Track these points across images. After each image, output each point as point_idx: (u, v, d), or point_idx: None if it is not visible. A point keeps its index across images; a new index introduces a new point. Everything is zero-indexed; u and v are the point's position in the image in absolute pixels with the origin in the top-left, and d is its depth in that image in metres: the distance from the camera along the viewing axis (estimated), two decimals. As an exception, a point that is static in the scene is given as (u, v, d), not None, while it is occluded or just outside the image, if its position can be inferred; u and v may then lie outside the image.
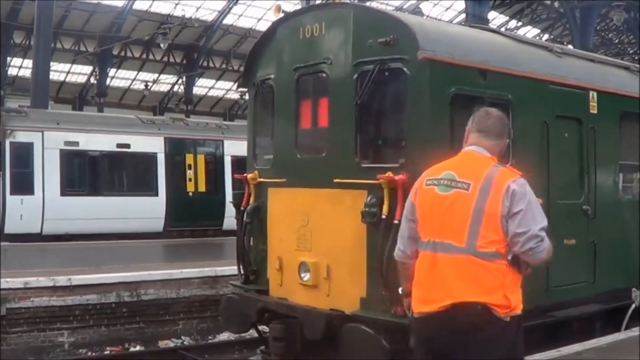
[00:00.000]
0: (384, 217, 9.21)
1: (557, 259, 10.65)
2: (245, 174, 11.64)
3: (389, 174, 9.21)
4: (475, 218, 5.39)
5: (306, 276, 10.30)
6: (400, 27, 9.49)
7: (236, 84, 65.33)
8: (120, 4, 51.50)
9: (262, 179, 11.41)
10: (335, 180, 9.96)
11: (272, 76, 11.40)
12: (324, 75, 10.48)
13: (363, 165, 9.84)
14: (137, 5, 52.07)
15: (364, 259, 9.63)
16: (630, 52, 63.16)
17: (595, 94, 11.68)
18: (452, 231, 5.45)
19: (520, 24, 62.89)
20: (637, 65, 13.96)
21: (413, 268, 5.80)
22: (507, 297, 5.35)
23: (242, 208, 11.62)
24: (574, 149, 11.40)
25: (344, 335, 9.36)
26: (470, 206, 5.43)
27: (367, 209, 9.36)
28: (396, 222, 9.07)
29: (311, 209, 10.42)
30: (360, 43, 9.87)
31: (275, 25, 11.51)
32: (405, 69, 9.42)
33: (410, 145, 9.43)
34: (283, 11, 11.36)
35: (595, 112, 11.66)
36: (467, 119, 9.89)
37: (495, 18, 57.94)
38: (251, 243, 11.59)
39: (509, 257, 5.41)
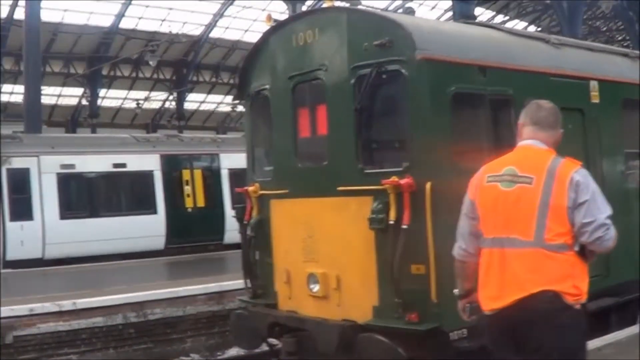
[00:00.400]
0: (391, 222, 9.03)
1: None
2: (245, 187, 11.48)
3: (394, 178, 9.04)
4: (541, 211, 5.39)
5: (315, 287, 10.14)
6: (395, 29, 9.33)
7: (227, 97, 65.49)
8: (106, 23, 51.36)
9: (263, 191, 11.24)
10: (339, 188, 9.80)
11: (267, 86, 11.23)
12: (320, 82, 10.31)
13: (366, 171, 9.67)
14: (124, 24, 51.93)
15: (373, 266, 9.47)
16: (619, 38, 63.14)
17: (596, 84, 11.54)
18: (519, 226, 5.44)
19: (507, 18, 62.82)
20: (636, 52, 13.82)
21: (474, 267, 5.82)
22: (576, 286, 5.40)
23: (245, 222, 11.45)
24: (578, 140, 11.22)
25: (358, 345, 9.20)
26: (536, 200, 5.42)
27: (374, 215, 9.18)
28: (404, 227, 8.93)
29: (316, 218, 10.26)
30: (355, 47, 9.72)
31: (267, 35, 11.32)
32: (403, 71, 9.25)
33: (413, 148, 9.26)
34: (274, 20, 11.13)
35: (597, 101, 11.52)
36: (468, 118, 9.86)
37: (482, 14, 57.82)
38: (257, 257, 11.41)
39: (576, 248, 5.44)
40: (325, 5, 10.43)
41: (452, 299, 8.96)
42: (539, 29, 60.37)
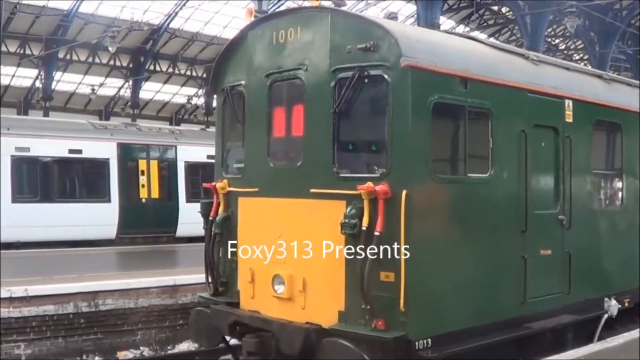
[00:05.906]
0: (364, 228, 8.94)
1: (533, 270, 10.60)
2: (213, 183, 11.31)
3: (369, 184, 8.96)
4: None
5: (280, 289, 10.04)
6: (381, 33, 9.23)
7: (183, 88, 65.10)
8: (66, 6, 50.66)
9: (232, 188, 11.09)
10: (312, 191, 9.69)
11: (242, 82, 11.06)
12: (299, 81, 10.15)
13: (341, 175, 9.55)
14: (83, 8, 51.26)
15: (342, 271, 9.37)
16: (577, 58, 63.86)
17: (571, 103, 11.57)
18: None
19: (467, 29, 63.19)
20: (610, 74, 13.91)
21: None
22: None
23: (210, 218, 11.28)
24: (550, 158, 11.26)
25: (322, 349, 9.11)
26: None
27: (346, 220, 9.06)
28: (377, 233, 8.84)
29: (286, 219, 10.14)
30: (338, 49, 9.61)
31: (246, 30, 11.14)
32: (386, 76, 9.15)
33: (390, 155, 9.14)
34: (255, 15, 10.95)
35: (570, 120, 11.54)
36: (447, 128, 9.83)
37: (444, 23, 58.06)
38: (220, 254, 11.25)
39: None
40: (309, 3, 10.28)
41: (419, 308, 8.98)
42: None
